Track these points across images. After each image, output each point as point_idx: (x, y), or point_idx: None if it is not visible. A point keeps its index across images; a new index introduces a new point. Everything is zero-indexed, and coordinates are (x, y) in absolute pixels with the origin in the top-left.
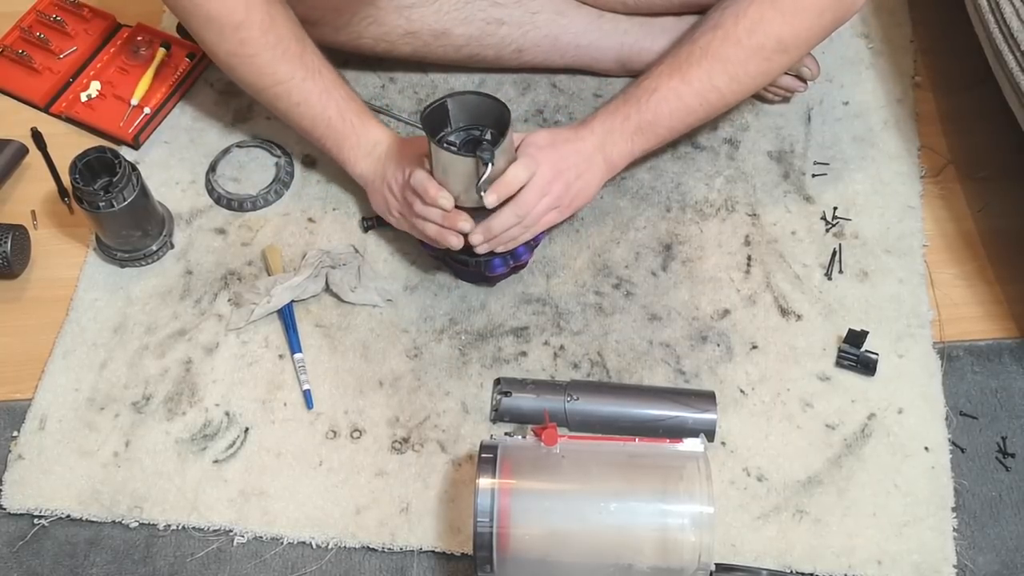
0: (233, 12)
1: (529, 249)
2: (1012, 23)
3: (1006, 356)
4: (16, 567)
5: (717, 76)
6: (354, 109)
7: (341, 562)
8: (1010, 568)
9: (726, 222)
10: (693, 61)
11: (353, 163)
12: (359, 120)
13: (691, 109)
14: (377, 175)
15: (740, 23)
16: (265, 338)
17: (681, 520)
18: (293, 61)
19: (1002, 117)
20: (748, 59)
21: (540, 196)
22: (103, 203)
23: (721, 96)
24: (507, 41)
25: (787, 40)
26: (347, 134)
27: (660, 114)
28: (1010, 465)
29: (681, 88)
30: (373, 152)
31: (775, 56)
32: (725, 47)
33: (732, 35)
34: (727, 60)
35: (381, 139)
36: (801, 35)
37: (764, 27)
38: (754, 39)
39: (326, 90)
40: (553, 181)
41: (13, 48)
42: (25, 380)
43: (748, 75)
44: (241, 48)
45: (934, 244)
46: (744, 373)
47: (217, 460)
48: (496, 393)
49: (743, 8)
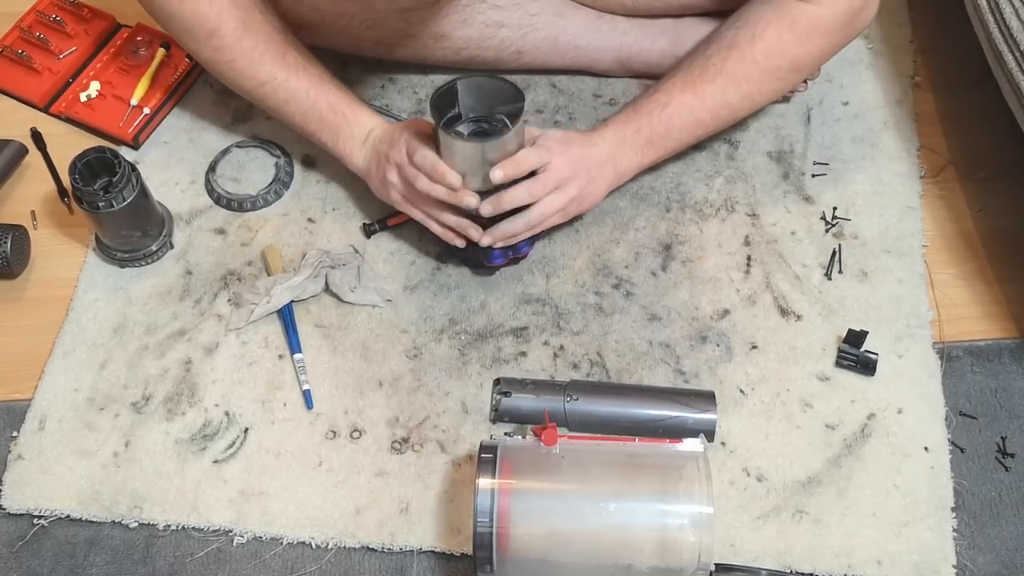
0: (206, 21)
1: (529, 243)
2: (1012, 23)
3: (1006, 356)
4: (16, 567)
5: (731, 94)
6: (345, 100)
7: (341, 562)
8: (1010, 568)
9: (726, 222)
10: (707, 78)
11: (349, 154)
12: (350, 110)
13: (702, 123)
14: (374, 161)
15: (756, 44)
16: (265, 338)
17: (681, 520)
18: (273, 63)
19: (1002, 117)
20: (762, 78)
21: (554, 186)
22: (103, 203)
23: (733, 112)
24: (506, 43)
25: (802, 61)
26: (340, 125)
27: (672, 128)
28: (1010, 465)
29: (694, 103)
30: (368, 139)
31: (789, 75)
32: (740, 67)
33: (748, 56)
34: (741, 79)
35: (373, 125)
36: (815, 55)
37: (780, 49)
38: (770, 60)
39: (312, 85)
40: (569, 179)
41: (13, 48)
42: (25, 380)
43: (761, 93)
44: (218, 54)
45: (934, 244)
46: (744, 373)
47: (217, 460)
48: (496, 393)
49: (759, 30)
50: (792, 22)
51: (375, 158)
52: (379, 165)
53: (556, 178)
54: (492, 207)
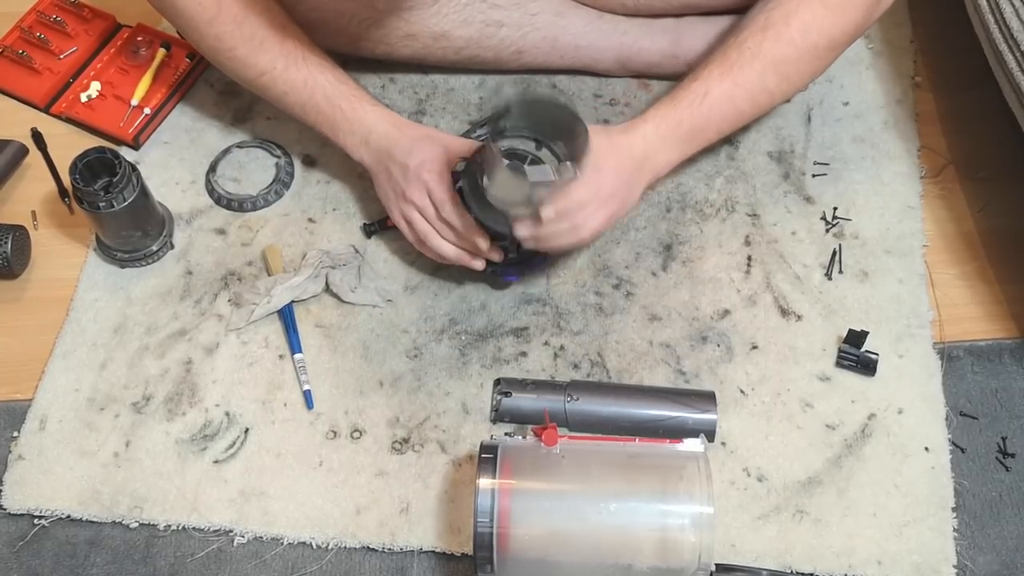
0: (206, 8)
1: (542, 256)
2: (1012, 23)
3: (1006, 356)
4: (16, 567)
5: (769, 77)
6: (343, 93)
7: (341, 562)
8: (1010, 568)
9: (726, 222)
10: (744, 63)
11: (351, 149)
12: (348, 105)
13: (741, 111)
14: (377, 164)
15: (792, 23)
16: (265, 338)
17: (681, 520)
18: (272, 51)
19: (1002, 117)
20: (800, 59)
21: (597, 209)
22: (103, 203)
23: (771, 97)
24: (507, 43)
25: (838, 38)
26: (338, 120)
27: (712, 118)
28: (1010, 465)
29: (734, 91)
30: (368, 140)
31: (826, 54)
32: (777, 47)
33: (784, 35)
34: (780, 61)
35: (374, 125)
36: (850, 31)
37: (817, 25)
38: (808, 39)
39: (311, 76)
40: (611, 196)
41: (13, 48)
42: (25, 380)
43: (799, 74)
44: (218, 43)
45: (934, 244)
46: (744, 373)
47: (217, 460)
48: (496, 393)
49: (792, 9)
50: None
51: (378, 164)
52: (384, 172)
53: (599, 200)
54: (535, 240)
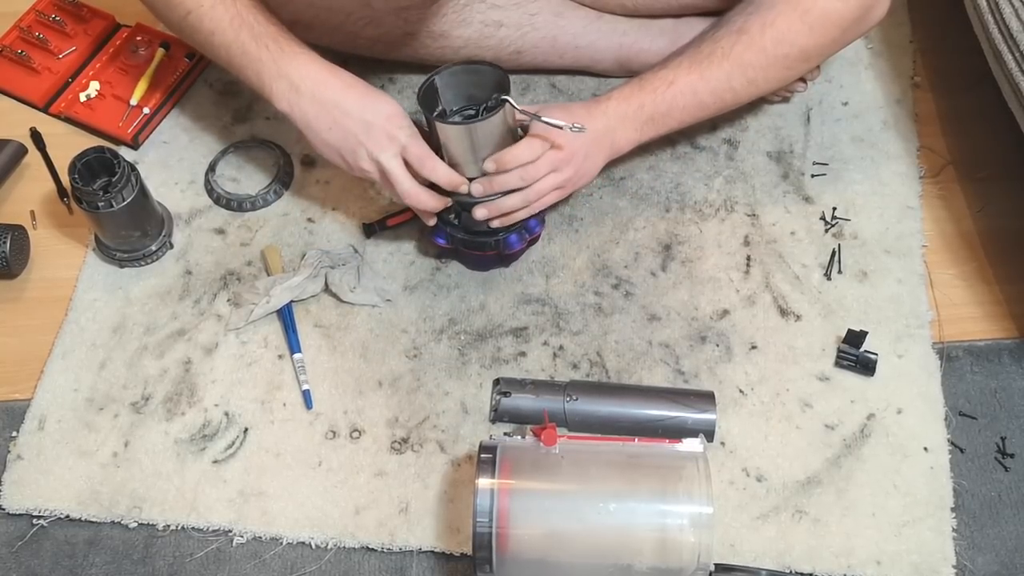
0: None
1: (540, 221)
2: (1011, 23)
3: (1005, 356)
4: (15, 567)
5: (736, 78)
6: (271, 33)
7: (340, 562)
8: (1009, 568)
9: (725, 222)
10: (715, 61)
11: (278, 97)
12: (277, 46)
13: (704, 105)
14: (317, 114)
15: (767, 32)
16: (264, 338)
17: (680, 520)
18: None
19: (1002, 117)
20: (769, 66)
21: (550, 168)
22: (102, 203)
23: (735, 96)
24: (506, 43)
25: (811, 52)
26: (265, 62)
27: (674, 107)
28: (1009, 465)
29: (699, 84)
30: (300, 86)
31: (796, 65)
32: (748, 52)
33: (757, 42)
34: (748, 65)
35: (305, 69)
36: (825, 47)
37: (791, 38)
38: (780, 49)
39: (238, 15)
40: (565, 160)
41: (12, 48)
42: (24, 380)
43: (766, 80)
44: None
45: (933, 244)
46: (743, 373)
47: (216, 460)
48: (495, 393)
49: (770, 18)
50: (804, 12)
51: (325, 117)
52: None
53: (552, 160)
54: (483, 188)
